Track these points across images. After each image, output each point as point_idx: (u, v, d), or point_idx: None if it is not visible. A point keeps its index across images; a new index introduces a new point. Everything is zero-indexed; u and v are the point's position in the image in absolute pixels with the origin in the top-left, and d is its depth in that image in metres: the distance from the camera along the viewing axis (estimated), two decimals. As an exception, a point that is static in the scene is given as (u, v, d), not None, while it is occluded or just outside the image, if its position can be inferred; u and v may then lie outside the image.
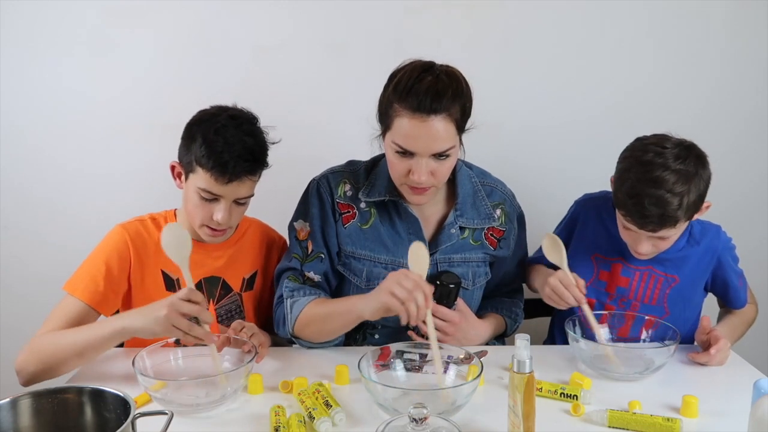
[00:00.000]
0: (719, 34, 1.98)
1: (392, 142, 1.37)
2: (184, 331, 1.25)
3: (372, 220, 1.52)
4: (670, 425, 1.14)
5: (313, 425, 1.14)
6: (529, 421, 1.06)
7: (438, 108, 1.32)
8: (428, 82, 1.33)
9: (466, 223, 1.53)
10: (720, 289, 1.56)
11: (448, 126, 1.34)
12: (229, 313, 1.55)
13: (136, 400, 1.01)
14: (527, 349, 1.07)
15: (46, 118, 1.97)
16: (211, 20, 1.94)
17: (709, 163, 1.40)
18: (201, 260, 1.51)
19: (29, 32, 1.92)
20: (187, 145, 1.42)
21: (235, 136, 1.38)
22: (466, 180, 1.55)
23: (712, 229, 1.55)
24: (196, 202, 1.42)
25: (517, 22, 1.96)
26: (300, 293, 1.50)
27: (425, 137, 1.33)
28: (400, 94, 1.34)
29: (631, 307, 1.56)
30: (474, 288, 1.57)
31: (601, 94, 2.00)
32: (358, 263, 1.52)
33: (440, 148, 1.35)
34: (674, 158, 1.34)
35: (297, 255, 1.53)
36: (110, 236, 1.48)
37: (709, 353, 1.39)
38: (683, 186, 1.33)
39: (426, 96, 1.31)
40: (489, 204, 1.56)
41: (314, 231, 1.52)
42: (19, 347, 1.36)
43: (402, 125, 1.34)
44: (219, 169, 1.36)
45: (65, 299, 1.42)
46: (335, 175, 1.55)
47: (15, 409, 1.00)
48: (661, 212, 1.33)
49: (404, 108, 1.33)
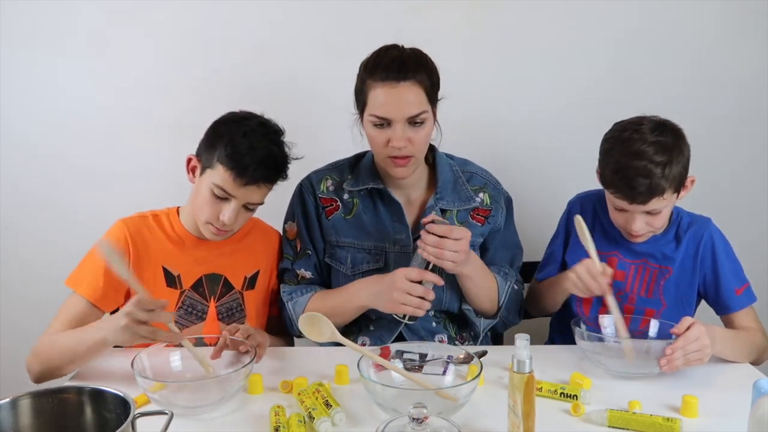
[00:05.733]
0: (719, 33, 1.98)
1: (369, 116, 1.46)
2: (148, 338, 1.24)
3: (355, 210, 1.59)
4: (670, 425, 1.14)
5: (313, 425, 1.14)
6: (529, 421, 1.06)
7: (405, 74, 1.42)
8: (393, 55, 1.46)
9: (446, 206, 1.58)
10: (711, 287, 1.55)
11: (418, 91, 1.44)
12: (229, 311, 1.55)
13: (136, 400, 1.01)
14: (527, 349, 1.07)
15: (47, 117, 1.97)
16: (211, 20, 1.94)
17: (685, 137, 1.46)
18: (203, 257, 1.52)
19: (29, 32, 1.92)
20: (211, 141, 1.45)
21: (261, 142, 1.43)
22: (446, 168, 1.61)
23: (701, 219, 1.58)
24: (206, 199, 1.43)
25: (517, 22, 1.97)
26: (297, 293, 1.57)
27: (397, 101, 1.43)
28: (371, 70, 1.46)
29: (628, 300, 1.58)
30: None
31: (602, 94, 1.99)
32: (343, 251, 1.58)
33: (413, 111, 1.43)
34: (650, 132, 1.42)
35: (288, 255, 1.63)
36: (110, 231, 1.49)
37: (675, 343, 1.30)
38: (663, 156, 1.39)
39: (393, 64, 1.44)
40: (469, 188, 1.62)
41: (300, 229, 1.61)
42: (19, 346, 1.37)
43: (376, 96, 1.44)
44: (240, 170, 1.39)
45: (70, 297, 1.44)
46: (317, 174, 1.64)
47: (15, 409, 1.00)
48: (648, 182, 1.39)
49: (375, 80, 1.44)
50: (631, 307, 1.57)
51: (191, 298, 1.52)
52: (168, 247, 1.51)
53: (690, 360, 1.30)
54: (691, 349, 1.30)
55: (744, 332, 1.49)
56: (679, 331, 1.31)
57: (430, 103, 1.47)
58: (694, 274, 1.55)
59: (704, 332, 1.30)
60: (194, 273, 1.52)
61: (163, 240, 1.51)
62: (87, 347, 1.30)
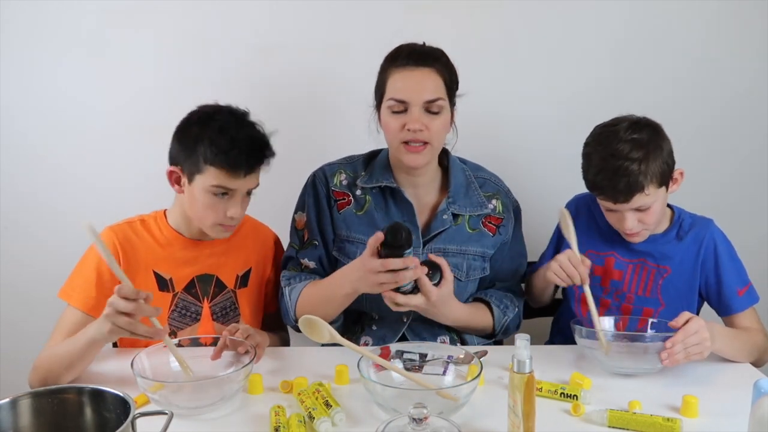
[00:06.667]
0: (720, 33, 1.98)
1: (388, 100, 1.48)
2: (128, 330, 1.21)
3: (367, 206, 1.58)
4: (670, 425, 1.14)
5: (313, 425, 1.14)
6: (529, 421, 1.06)
7: (425, 61, 1.47)
8: (414, 46, 1.51)
9: (458, 210, 1.58)
10: (714, 289, 1.54)
11: (436, 78, 1.47)
12: (223, 311, 1.56)
13: (136, 400, 1.01)
14: (527, 349, 1.07)
15: (47, 119, 1.97)
16: (211, 20, 1.94)
17: (664, 131, 1.48)
18: (193, 258, 1.52)
19: (29, 33, 1.92)
20: (188, 147, 1.42)
21: (240, 131, 1.42)
22: (459, 172, 1.62)
23: (703, 221, 1.58)
24: (207, 202, 1.43)
25: (518, 22, 1.96)
26: (296, 280, 1.56)
27: (415, 84, 1.46)
28: (391, 58, 1.51)
29: (626, 299, 1.58)
30: (467, 281, 1.58)
31: (602, 94, 1.99)
32: (352, 246, 1.57)
33: (430, 96, 1.46)
34: (625, 131, 1.45)
35: (294, 244, 1.62)
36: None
37: (675, 336, 1.31)
38: (638, 152, 1.41)
39: (413, 52, 1.49)
40: (481, 194, 1.61)
41: (310, 220, 1.60)
42: (19, 347, 1.37)
43: (394, 81, 1.48)
44: (233, 164, 1.39)
45: (65, 310, 1.44)
46: (331, 167, 1.63)
47: (15, 409, 1.00)
48: (626, 179, 1.40)
49: (395, 66, 1.48)
50: (629, 306, 1.57)
51: (184, 300, 1.52)
52: (157, 251, 1.50)
53: (690, 354, 1.30)
54: (691, 342, 1.30)
55: (745, 332, 1.49)
56: (677, 324, 1.32)
57: (448, 96, 1.49)
58: (695, 275, 1.55)
59: (703, 326, 1.31)
60: (186, 275, 1.52)
61: (152, 244, 1.50)
62: (79, 349, 1.29)
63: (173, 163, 1.46)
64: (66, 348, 1.32)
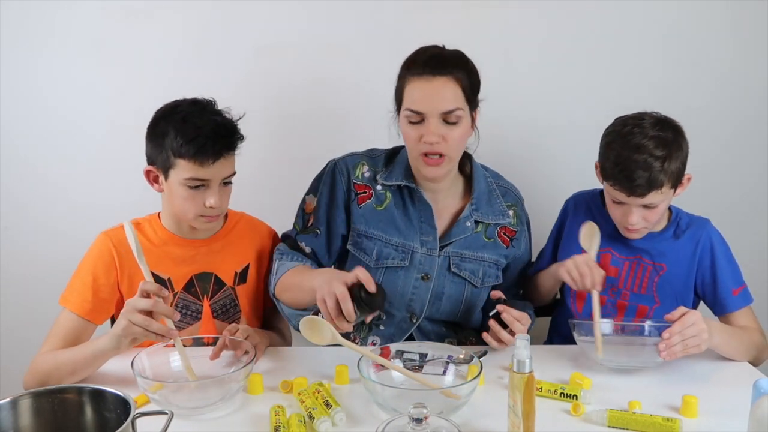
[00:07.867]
0: (720, 34, 1.98)
1: (405, 110, 1.45)
2: (142, 326, 1.21)
3: (387, 202, 1.56)
4: (669, 425, 1.14)
5: (313, 425, 1.14)
6: (529, 421, 1.07)
7: (442, 69, 1.42)
8: (433, 52, 1.46)
9: (481, 218, 1.57)
10: (709, 288, 1.55)
11: (454, 87, 1.42)
12: (224, 308, 1.55)
13: (136, 400, 1.01)
14: (527, 349, 1.07)
15: (47, 118, 1.97)
16: (212, 20, 1.94)
17: (685, 134, 1.48)
18: (190, 257, 1.52)
19: (29, 32, 1.92)
20: (157, 143, 1.43)
21: (202, 119, 1.41)
22: (482, 179, 1.61)
23: (700, 221, 1.59)
24: (184, 195, 1.43)
25: (518, 22, 1.96)
26: (287, 257, 1.55)
27: (431, 96, 1.42)
28: (409, 64, 1.46)
29: (621, 296, 1.58)
30: (482, 288, 1.58)
31: (601, 95, 1.99)
32: (370, 242, 1.55)
33: (447, 106, 1.42)
34: (651, 126, 1.45)
35: (297, 225, 1.61)
36: (95, 245, 1.49)
37: (670, 331, 1.31)
38: (663, 150, 1.42)
39: (431, 59, 1.44)
40: (503, 203, 1.61)
41: (319, 208, 1.58)
42: (19, 347, 1.36)
43: (412, 91, 1.44)
44: (200, 153, 1.38)
45: (61, 314, 1.44)
46: (354, 158, 1.60)
47: (15, 409, 1.00)
48: (647, 175, 1.41)
49: (412, 74, 1.44)
50: (624, 303, 1.58)
51: (184, 300, 1.52)
52: (154, 253, 1.49)
53: (688, 346, 1.30)
54: (688, 334, 1.30)
55: (742, 330, 1.49)
56: (673, 317, 1.32)
57: (467, 102, 1.45)
58: (690, 274, 1.55)
59: (700, 318, 1.31)
60: (184, 274, 1.52)
61: (147, 246, 1.49)
62: (85, 358, 1.29)
63: (149, 162, 1.47)
64: (70, 355, 1.32)
